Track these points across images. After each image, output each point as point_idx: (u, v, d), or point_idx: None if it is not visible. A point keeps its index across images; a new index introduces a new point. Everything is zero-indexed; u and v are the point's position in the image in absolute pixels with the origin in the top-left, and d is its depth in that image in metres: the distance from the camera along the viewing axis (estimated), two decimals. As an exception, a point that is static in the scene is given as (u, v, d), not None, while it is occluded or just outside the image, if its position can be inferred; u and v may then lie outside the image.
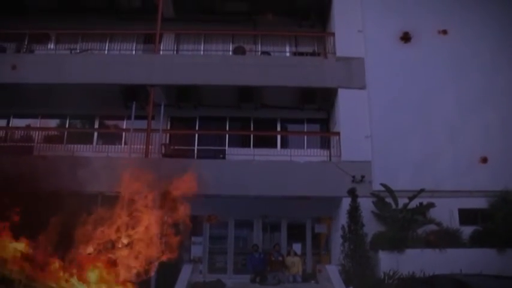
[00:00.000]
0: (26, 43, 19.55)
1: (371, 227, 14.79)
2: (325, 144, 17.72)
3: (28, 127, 19.14)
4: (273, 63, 17.42)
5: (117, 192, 13.98)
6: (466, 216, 15.68)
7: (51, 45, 19.92)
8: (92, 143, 18.62)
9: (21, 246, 10.24)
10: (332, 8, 18.09)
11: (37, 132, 18.52)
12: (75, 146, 17.86)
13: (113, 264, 11.25)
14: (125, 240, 12.10)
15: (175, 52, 19.07)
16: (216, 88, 17.25)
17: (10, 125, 19.19)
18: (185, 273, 14.52)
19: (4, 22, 19.64)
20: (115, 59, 17.82)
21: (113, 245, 11.81)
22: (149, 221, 12.97)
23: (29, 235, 11.57)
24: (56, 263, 9.94)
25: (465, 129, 16.35)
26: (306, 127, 18.77)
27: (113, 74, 16.93)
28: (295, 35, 19.20)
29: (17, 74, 17.11)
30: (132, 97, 17.44)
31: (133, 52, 19.56)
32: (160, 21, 17.75)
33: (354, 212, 14.58)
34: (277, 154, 17.07)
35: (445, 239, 14.47)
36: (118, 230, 12.21)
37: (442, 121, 16.45)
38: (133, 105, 16.01)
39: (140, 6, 19.35)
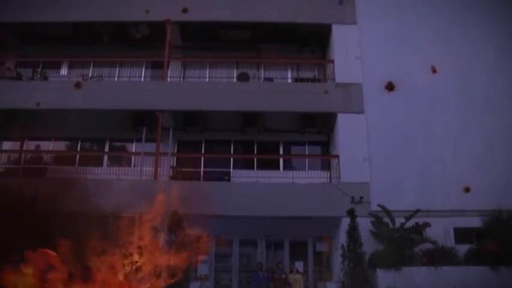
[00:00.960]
0: (40, 69, 20.62)
1: (369, 245, 15.42)
2: (326, 166, 18.53)
3: (42, 150, 20.11)
4: (275, 90, 18.37)
5: (129, 213, 14.85)
6: (462, 234, 16.30)
7: (64, 71, 20.97)
8: (102, 165, 19.52)
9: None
10: (331, 36, 19.01)
11: (50, 155, 19.52)
12: (87, 168, 18.80)
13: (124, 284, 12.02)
14: (135, 261, 12.87)
15: (182, 78, 19.98)
16: (221, 113, 18.14)
17: (24, 147, 20.20)
18: (193, 291, 15.28)
19: (20, 48, 20.84)
20: (126, 86, 18.82)
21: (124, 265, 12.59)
22: (159, 242, 13.79)
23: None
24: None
25: (458, 153, 17.05)
26: (307, 149, 19.56)
27: (123, 100, 17.87)
28: (297, 62, 20.15)
29: (32, 100, 18.11)
30: (141, 121, 18.44)
31: (143, 77, 20.51)
32: (168, 49, 18.78)
33: (353, 231, 15.26)
34: (279, 176, 17.85)
35: (441, 257, 15.16)
36: (128, 250, 13.00)
37: (436, 145, 17.19)
38: (144, 131, 16.92)
39: (149, 34, 20.25)
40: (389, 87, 17.74)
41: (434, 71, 17.81)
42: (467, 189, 16.61)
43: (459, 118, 17.62)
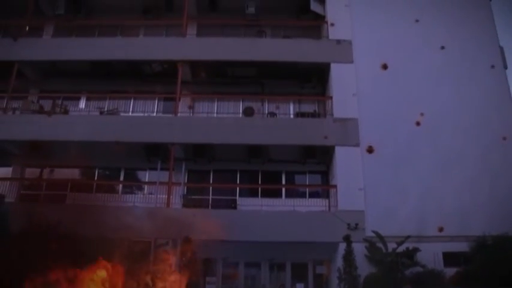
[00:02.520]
0: (61, 102, 22.29)
1: (364, 269, 16.79)
2: (325, 194, 19.99)
3: (61, 178, 21.65)
4: (278, 125, 19.98)
5: (144, 238, 16.40)
6: (450, 258, 17.62)
7: (83, 104, 22.64)
8: (117, 192, 21.06)
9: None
10: (330, 73, 20.62)
11: (69, 183, 21.08)
12: (104, 195, 20.34)
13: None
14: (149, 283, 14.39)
15: (192, 112, 21.62)
16: (228, 145, 19.66)
17: (45, 175, 21.77)
18: (201, 310, 16.67)
19: (42, 83, 22.58)
20: (140, 120, 20.44)
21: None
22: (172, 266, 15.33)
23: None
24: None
25: (446, 182, 18.55)
26: (308, 178, 21.07)
27: (138, 134, 19.49)
28: (298, 99, 21.80)
29: (53, 132, 19.74)
30: (154, 152, 20.01)
31: (155, 109, 22.21)
32: (179, 87, 20.43)
33: (349, 256, 16.68)
34: (282, 204, 19.30)
35: (430, 280, 16.51)
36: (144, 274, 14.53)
37: (425, 175, 18.66)
38: (159, 164, 18.53)
39: (161, 70, 21.94)
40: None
41: (418, 123, 19.37)
42: (440, 229, 17.99)
43: (446, 151, 19.14)
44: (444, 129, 19.41)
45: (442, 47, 20.75)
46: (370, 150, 18.92)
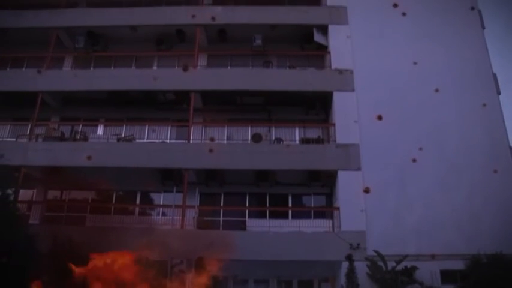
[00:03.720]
0: (80, 128, 23.81)
1: (366, 286, 17.95)
2: (329, 214, 21.17)
3: (81, 200, 23.08)
4: (284, 151, 21.19)
5: (160, 258, 17.72)
6: (448, 276, 18.68)
7: (101, 131, 24.12)
8: (134, 214, 22.41)
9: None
10: (333, 101, 21.90)
11: (89, 205, 22.50)
12: (121, 216, 21.71)
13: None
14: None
15: (203, 138, 23.03)
16: (238, 170, 20.98)
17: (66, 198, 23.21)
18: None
19: (62, 110, 24.13)
20: (155, 147, 21.81)
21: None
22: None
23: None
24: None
25: (443, 203, 19.68)
26: (312, 199, 22.28)
27: (153, 160, 20.85)
28: (303, 125, 23.16)
29: (73, 158, 21.18)
30: (169, 176, 21.38)
31: (169, 135, 23.64)
32: (192, 115, 21.86)
33: (351, 274, 17.88)
34: (288, 225, 20.44)
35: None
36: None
37: (423, 198, 19.80)
38: (174, 189, 20.16)
39: (174, 98, 23.43)
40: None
41: (414, 160, 20.58)
42: (433, 256, 18.98)
43: (444, 174, 20.34)
44: (442, 155, 20.64)
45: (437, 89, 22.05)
46: (367, 190, 20.01)
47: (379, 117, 21.24)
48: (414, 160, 20.54)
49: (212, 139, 22.81)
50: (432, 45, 22.76)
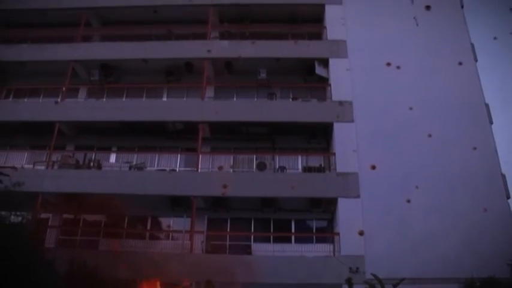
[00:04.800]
0: (94, 156, 25.11)
1: (364, 309, 19.08)
2: (330, 238, 22.21)
3: (94, 224, 24.23)
4: (288, 179, 22.39)
5: (171, 281, 18.86)
6: (444, 299, 19.83)
7: (113, 159, 25.42)
8: (145, 238, 23.56)
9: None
10: (333, 131, 23.13)
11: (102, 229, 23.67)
12: (133, 240, 22.88)
13: None
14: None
15: (211, 166, 24.29)
16: (243, 197, 22.21)
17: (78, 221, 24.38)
18: None
19: (76, 138, 25.47)
20: (165, 176, 23.02)
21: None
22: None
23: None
24: None
25: (438, 230, 20.65)
26: (314, 225, 23.37)
27: (163, 187, 22.10)
28: (306, 155, 24.41)
29: (88, 186, 22.43)
30: (178, 203, 22.56)
31: (178, 163, 24.91)
32: (200, 144, 23.15)
33: (350, 296, 18.96)
34: (291, 250, 21.51)
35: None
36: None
37: (421, 221, 20.82)
38: (185, 215, 21.52)
39: (183, 128, 24.71)
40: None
41: (408, 201, 21.62)
42: (428, 279, 19.93)
43: (439, 201, 21.39)
44: (437, 190, 21.68)
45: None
46: (361, 233, 20.87)
47: (373, 167, 22.26)
48: (408, 201, 21.48)
49: (220, 168, 24.05)
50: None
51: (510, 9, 30.14)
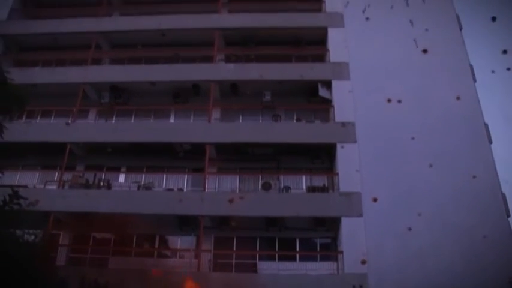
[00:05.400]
0: (103, 176, 25.84)
1: (367, 326, 19.63)
2: (334, 257, 22.78)
3: (104, 242, 24.86)
4: (292, 199, 23.13)
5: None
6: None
7: (122, 178, 26.15)
8: (153, 256, 24.17)
9: None
10: (336, 152, 23.78)
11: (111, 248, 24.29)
12: (141, 259, 23.49)
13: None
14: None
15: (217, 187, 24.93)
16: (249, 216, 22.84)
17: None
18: None
19: (86, 158, 26.23)
20: (173, 196, 23.73)
21: None
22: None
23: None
24: None
25: (439, 248, 21.20)
26: (318, 243, 23.93)
27: (171, 207, 22.69)
28: (310, 175, 25.06)
29: (98, 206, 23.10)
30: (186, 222, 23.21)
31: (185, 182, 25.62)
32: (207, 165, 23.89)
33: (354, 314, 19.54)
34: (296, 268, 21.98)
35: None
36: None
37: (418, 239, 21.30)
38: (192, 234, 22.09)
39: (190, 148, 25.45)
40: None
41: (410, 229, 22.00)
42: None
43: (442, 217, 21.92)
44: (438, 206, 22.22)
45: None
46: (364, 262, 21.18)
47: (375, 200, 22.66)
48: (410, 229, 21.82)
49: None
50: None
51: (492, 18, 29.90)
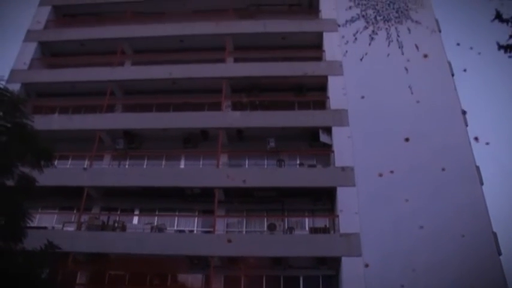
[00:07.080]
0: (118, 218, 27.47)
1: None
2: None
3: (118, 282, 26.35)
4: (295, 240, 24.67)
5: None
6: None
7: (136, 220, 27.82)
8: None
9: None
10: (336, 195, 25.32)
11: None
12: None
13: None
14: None
15: (225, 229, 26.55)
16: (255, 256, 24.34)
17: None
18: None
19: (102, 200, 27.92)
20: (184, 237, 25.45)
21: None
22: None
23: None
24: None
25: (436, 260, 22.68)
26: (321, 281, 25.28)
27: (182, 248, 24.25)
28: (312, 217, 26.71)
29: (114, 247, 24.74)
30: (196, 261, 24.72)
31: (195, 224, 27.28)
32: (216, 209, 25.58)
33: None
34: (300, 305, 23.64)
35: None
36: None
37: (417, 261, 22.79)
38: (202, 274, 23.47)
39: (200, 192, 27.11)
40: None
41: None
42: None
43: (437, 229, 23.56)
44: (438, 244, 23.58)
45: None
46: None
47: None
48: (414, 270, 22.84)
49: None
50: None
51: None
